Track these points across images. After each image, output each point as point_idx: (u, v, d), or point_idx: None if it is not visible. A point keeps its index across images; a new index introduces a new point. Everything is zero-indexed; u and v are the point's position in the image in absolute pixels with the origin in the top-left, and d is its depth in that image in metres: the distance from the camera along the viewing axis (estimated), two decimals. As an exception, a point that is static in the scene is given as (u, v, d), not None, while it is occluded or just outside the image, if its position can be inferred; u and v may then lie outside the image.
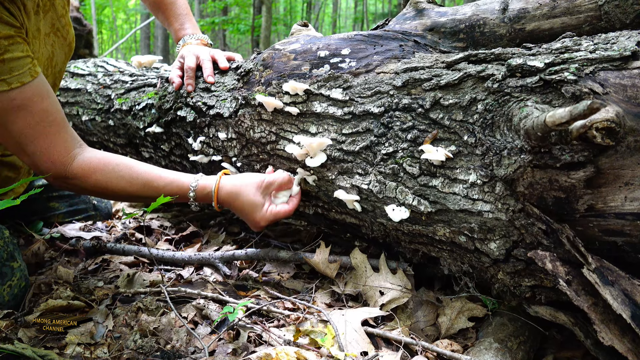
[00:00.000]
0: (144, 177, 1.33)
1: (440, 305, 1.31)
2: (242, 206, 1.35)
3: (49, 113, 1.25)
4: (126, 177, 1.32)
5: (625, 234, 0.97)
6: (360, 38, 1.44)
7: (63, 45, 1.51)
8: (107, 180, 1.30)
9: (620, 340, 0.93)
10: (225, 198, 1.36)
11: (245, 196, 1.35)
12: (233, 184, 1.36)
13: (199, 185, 1.35)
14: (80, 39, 4.05)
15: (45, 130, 1.24)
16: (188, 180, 1.36)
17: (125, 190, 1.31)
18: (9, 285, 1.28)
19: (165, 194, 1.31)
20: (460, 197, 1.14)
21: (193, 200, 1.36)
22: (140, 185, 1.32)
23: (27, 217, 1.83)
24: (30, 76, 1.21)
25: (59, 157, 1.26)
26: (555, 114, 0.88)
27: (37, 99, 1.22)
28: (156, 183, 1.33)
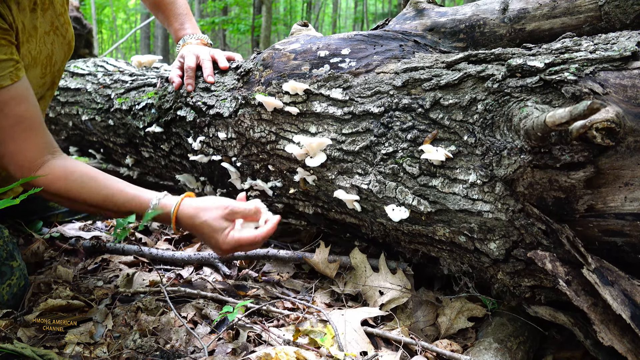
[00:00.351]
0: (106, 191, 1.30)
1: (440, 305, 1.31)
2: (201, 228, 1.26)
3: (24, 118, 1.24)
4: (87, 188, 1.29)
5: (625, 234, 0.97)
6: (360, 38, 1.44)
7: (62, 44, 1.51)
8: (68, 189, 1.28)
9: (620, 340, 0.93)
10: (184, 219, 1.28)
11: (204, 218, 1.26)
12: (194, 205, 1.29)
13: (160, 204, 1.29)
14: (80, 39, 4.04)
15: (17, 135, 1.24)
16: (149, 197, 1.30)
17: (85, 201, 1.29)
18: (8, 285, 1.28)
19: (124, 210, 1.28)
20: (460, 197, 1.14)
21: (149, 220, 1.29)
22: (101, 198, 1.29)
23: (26, 217, 1.83)
24: (10, 80, 1.21)
25: (27, 163, 1.26)
26: (555, 114, 0.88)
27: (13, 103, 1.22)
28: (117, 198, 1.29)
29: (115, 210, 1.29)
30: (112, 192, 1.30)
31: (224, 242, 1.25)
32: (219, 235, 1.25)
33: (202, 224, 1.26)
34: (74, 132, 2.17)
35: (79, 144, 2.46)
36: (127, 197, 1.30)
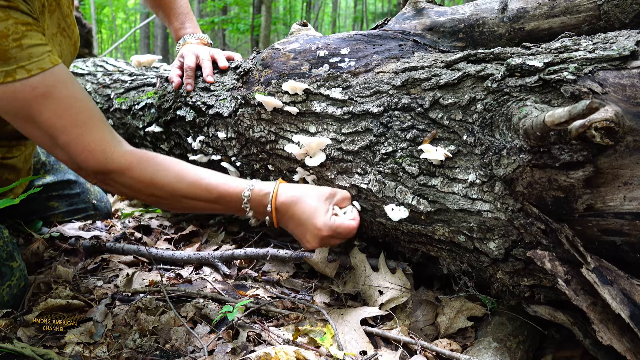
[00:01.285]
0: (194, 174, 1.21)
1: (440, 305, 1.31)
2: (302, 211, 1.19)
3: (77, 99, 1.16)
4: (174, 171, 1.19)
5: (624, 233, 0.97)
6: (359, 37, 1.44)
7: (69, 45, 1.50)
8: (153, 173, 1.17)
9: (619, 339, 0.93)
10: (284, 201, 1.21)
11: (308, 200, 1.20)
12: (295, 187, 1.24)
13: (256, 188, 1.21)
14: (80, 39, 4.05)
15: (76, 117, 1.14)
16: (244, 182, 1.23)
17: (172, 186, 1.18)
18: (8, 285, 1.28)
19: (216, 194, 1.20)
20: (460, 196, 1.14)
21: (247, 202, 1.21)
22: (189, 182, 1.19)
23: (26, 217, 1.83)
24: (51, 62, 1.15)
25: (97, 145, 1.14)
26: (554, 114, 0.88)
27: (61, 86, 1.14)
28: (207, 180, 1.20)
29: (206, 197, 1.19)
30: (201, 175, 1.21)
31: (325, 225, 1.17)
32: (321, 217, 1.17)
33: (304, 207, 1.19)
34: (73, 132, 2.17)
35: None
36: (218, 180, 1.21)
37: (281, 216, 1.23)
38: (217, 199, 1.21)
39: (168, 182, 1.18)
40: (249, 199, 1.21)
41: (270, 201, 1.21)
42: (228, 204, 1.23)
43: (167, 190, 1.19)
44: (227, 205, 1.23)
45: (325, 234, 1.18)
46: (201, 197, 1.20)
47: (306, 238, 1.22)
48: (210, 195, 1.20)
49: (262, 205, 1.22)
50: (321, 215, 1.18)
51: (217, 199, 1.21)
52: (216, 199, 1.21)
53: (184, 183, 1.19)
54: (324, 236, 1.19)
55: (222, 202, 1.22)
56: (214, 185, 1.20)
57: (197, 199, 1.20)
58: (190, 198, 1.20)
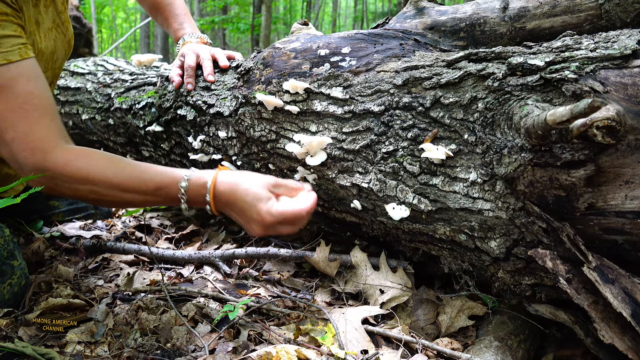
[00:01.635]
0: (131, 168, 1.19)
1: (441, 304, 1.31)
2: (242, 198, 1.14)
3: (35, 96, 1.15)
4: (112, 165, 1.18)
5: (625, 232, 0.97)
6: (360, 37, 1.44)
7: (63, 41, 1.51)
8: (90, 168, 1.15)
9: (621, 338, 0.93)
10: (225, 190, 1.17)
11: (249, 187, 1.15)
12: (234, 175, 1.20)
13: (194, 176, 1.18)
14: (80, 38, 4.04)
15: (28, 114, 1.14)
16: (181, 171, 1.20)
17: (109, 180, 1.16)
18: (9, 284, 1.28)
19: (154, 186, 1.17)
20: (461, 195, 1.14)
21: (183, 193, 1.18)
22: (127, 176, 1.17)
23: (27, 216, 1.83)
24: (19, 56, 1.15)
25: (39, 144, 1.13)
26: (555, 113, 0.88)
27: (23, 80, 1.14)
28: (145, 173, 1.19)
29: (143, 189, 1.17)
30: (140, 169, 1.19)
31: (268, 213, 1.12)
32: (263, 205, 1.12)
33: (246, 192, 1.14)
34: (74, 131, 2.17)
35: (79, 144, 2.45)
36: (156, 171, 1.20)
37: (222, 205, 1.20)
38: (155, 190, 1.18)
39: (105, 177, 1.16)
40: (186, 190, 1.18)
41: (208, 191, 1.17)
42: (167, 195, 1.20)
43: (104, 185, 1.16)
44: (166, 197, 1.20)
45: (269, 221, 1.12)
46: (138, 190, 1.18)
47: (250, 226, 1.17)
48: (147, 187, 1.18)
49: (201, 195, 1.19)
50: (263, 203, 1.13)
51: (154, 190, 1.18)
52: (154, 190, 1.18)
53: (121, 177, 1.17)
54: (268, 224, 1.13)
55: (160, 194, 1.19)
56: (149, 177, 1.18)
57: (135, 191, 1.18)
58: (129, 191, 1.18)
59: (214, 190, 1.17)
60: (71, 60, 2.39)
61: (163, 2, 1.85)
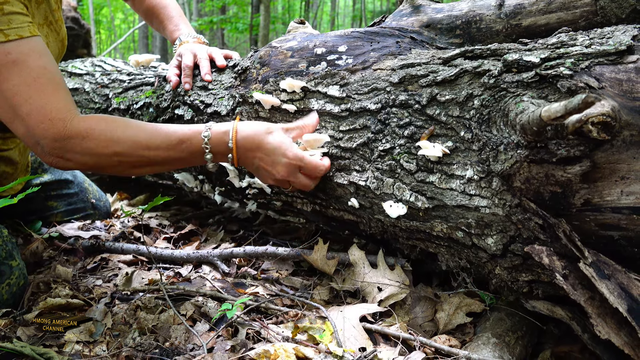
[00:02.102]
0: (152, 126, 1.22)
1: (438, 301, 1.31)
2: (268, 141, 1.20)
3: (47, 70, 1.17)
4: (132, 125, 1.21)
5: (621, 228, 0.97)
6: (357, 35, 1.44)
7: (56, 39, 1.50)
8: (112, 129, 1.17)
9: (617, 333, 0.93)
10: (247, 135, 1.21)
11: (271, 131, 1.21)
12: (255, 123, 1.25)
13: (214, 126, 1.22)
14: (78, 39, 4.04)
15: (43, 87, 1.15)
16: (201, 125, 1.25)
17: (132, 139, 1.18)
18: (7, 284, 1.28)
19: (177, 139, 1.21)
20: (458, 192, 1.14)
21: (207, 143, 1.21)
22: (149, 132, 1.20)
23: (25, 217, 1.83)
24: (30, 32, 1.17)
25: (58, 114, 1.15)
26: (550, 109, 0.88)
27: (35, 55, 1.16)
28: (166, 128, 1.22)
29: (166, 144, 1.20)
30: (161, 126, 1.23)
31: (294, 154, 1.20)
32: (288, 147, 1.20)
33: (271, 136, 1.21)
34: (72, 132, 2.17)
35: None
36: (177, 127, 1.23)
37: (244, 151, 1.24)
38: (178, 143, 1.21)
39: (128, 136, 1.18)
40: (209, 138, 1.21)
41: (231, 138, 1.21)
42: (190, 148, 1.22)
43: (128, 144, 1.18)
44: (190, 150, 1.23)
45: (295, 164, 1.21)
46: (162, 145, 1.20)
47: (275, 169, 1.23)
48: (170, 142, 1.20)
49: (224, 142, 1.22)
50: (289, 146, 1.21)
51: (177, 144, 1.21)
52: (177, 144, 1.21)
53: (143, 133, 1.20)
54: (294, 165, 1.21)
55: (183, 147, 1.22)
56: (172, 131, 1.21)
57: (158, 147, 1.20)
58: (152, 148, 1.20)
59: (236, 136, 1.22)
60: (69, 61, 2.39)
61: (157, 5, 1.86)
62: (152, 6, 1.86)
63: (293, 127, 1.27)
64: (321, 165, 1.24)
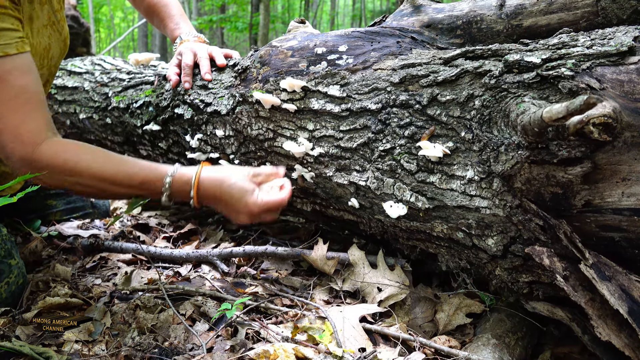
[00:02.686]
0: (118, 161, 1.24)
1: (438, 302, 1.31)
2: (229, 192, 1.22)
3: (27, 90, 1.18)
4: (99, 159, 1.22)
5: (622, 229, 0.97)
6: (357, 35, 1.44)
7: (59, 40, 1.50)
8: (77, 160, 1.19)
9: (618, 335, 0.93)
10: (210, 184, 1.24)
11: (234, 180, 1.23)
12: (217, 171, 1.27)
13: (178, 173, 1.24)
14: (78, 37, 4.03)
15: (20, 107, 1.16)
16: (166, 167, 1.26)
17: (95, 173, 1.20)
18: (6, 283, 1.28)
19: (139, 180, 1.22)
20: (458, 193, 1.14)
21: (167, 187, 1.23)
22: (114, 169, 1.21)
23: (24, 215, 1.82)
24: (16, 49, 1.17)
25: (29, 137, 1.16)
26: (552, 110, 0.88)
27: (17, 74, 1.16)
28: (131, 167, 1.23)
29: (128, 183, 1.22)
30: (126, 163, 1.24)
31: (254, 204, 1.22)
32: (249, 197, 1.22)
33: (231, 187, 1.23)
34: (71, 130, 2.17)
35: (76, 143, 2.45)
36: (141, 166, 1.25)
37: (206, 199, 1.27)
38: (140, 184, 1.24)
39: (92, 170, 1.20)
40: (170, 184, 1.23)
41: (192, 187, 1.24)
42: (151, 190, 1.25)
43: (90, 178, 1.20)
44: (150, 191, 1.25)
45: (257, 211, 1.22)
46: (124, 183, 1.22)
47: (238, 217, 1.26)
48: (132, 182, 1.23)
49: (185, 191, 1.25)
50: (250, 196, 1.22)
51: (140, 185, 1.24)
52: (139, 184, 1.24)
53: (108, 170, 1.21)
54: (255, 214, 1.23)
55: (145, 188, 1.24)
56: (136, 172, 1.23)
57: (121, 184, 1.22)
58: (115, 184, 1.22)
59: (197, 186, 1.24)
60: (69, 59, 2.38)
61: (159, 3, 1.86)
62: (153, 4, 1.86)
63: (259, 172, 1.28)
64: (283, 200, 1.24)
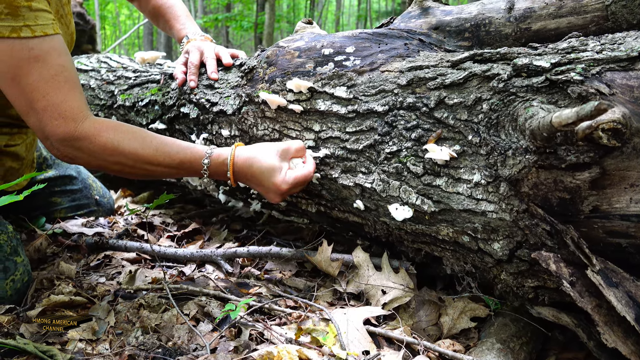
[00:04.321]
0: (158, 140, 1.28)
1: (443, 305, 1.30)
2: (260, 171, 1.29)
3: (66, 69, 1.20)
4: (139, 138, 1.26)
5: (629, 235, 0.97)
6: (364, 36, 1.44)
7: (66, 33, 1.50)
8: (119, 140, 1.22)
9: (624, 342, 0.92)
10: (242, 165, 1.30)
11: (263, 160, 1.29)
12: (249, 150, 1.33)
13: (214, 153, 1.30)
14: (84, 35, 4.04)
15: (61, 85, 1.19)
16: (203, 148, 1.32)
17: (136, 152, 1.24)
18: (11, 280, 1.28)
19: (178, 161, 1.27)
20: (464, 196, 1.13)
21: (206, 169, 1.30)
22: (153, 148, 1.25)
23: (29, 212, 1.83)
24: (53, 30, 1.19)
25: (71, 113, 1.18)
26: (561, 115, 0.87)
27: (55, 54, 1.19)
28: (169, 147, 1.28)
29: (167, 163, 1.26)
30: (164, 142, 1.28)
31: (283, 182, 1.28)
32: (277, 176, 1.28)
33: (261, 167, 1.29)
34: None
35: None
36: (180, 147, 1.29)
37: (240, 177, 1.34)
38: (179, 165, 1.29)
39: (133, 149, 1.24)
40: (208, 166, 1.30)
41: (228, 167, 1.31)
42: (188, 170, 1.31)
43: (131, 157, 1.24)
44: (188, 171, 1.32)
45: (285, 188, 1.29)
46: (163, 163, 1.27)
47: (269, 196, 1.33)
48: (172, 162, 1.28)
49: (222, 171, 1.32)
50: (278, 174, 1.28)
51: (178, 165, 1.29)
52: (178, 165, 1.29)
53: (148, 150, 1.25)
54: (284, 191, 1.29)
55: (183, 168, 1.30)
56: (175, 152, 1.28)
57: (160, 164, 1.27)
58: (154, 164, 1.27)
59: (232, 167, 1.31)
60: (75, 57, 2.39)
61: (164, 5, 1.86)
62: (158, 6, 1.87)
63: (288, 148, 1.32)
64: (310, 173, 1.31)
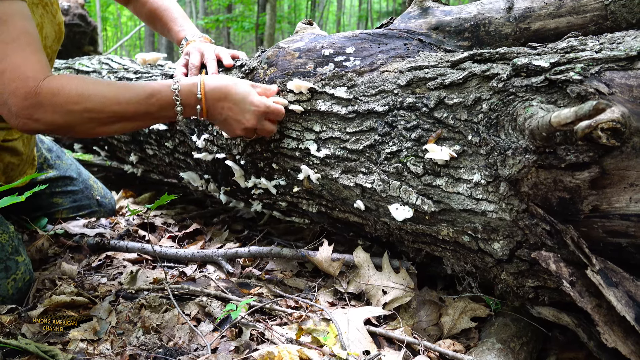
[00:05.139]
0: (121, 83, 1.28)
1: (443, 305, 1.31)
2: (235, 92, 1.30)
3: (29, 34, 1.19)
4: (103, 82, 1.26)
5: (629, 235, 0.97)
6: (364, 37, 1.44)
7: (52, 22, 1.48)
8: (83, 86, 1.19)
9: (624, 342, 0.92)
10: (216, 87, 1.30)
11: (238, 83, 1.33)
12: (221, 76, 1.36)
13: (182, 79, 1.29)
14: (85, 36, 4.05)
15: (22, 48, 1.17)
16: (167, 81, 1.31)
17: (102, 93, 1.20)
18: (13, 279, 1.29)
19: (147, 93, 1.25)
20: (464, 196, 1.14)
21: (177, 95, 1.26)
22: (120, 87, 1.24)
23: (31, 213, 1.84)
24: None
25: (33, 73, 1.16)
26: (560, 114, 0.88)
27: (19, 17, 1.18)
28: (135, 84, 1.27)
29: (136, 99, 1.23)
30: (128, 83, 1.28)
31: (260, 102, 1.31)
32: (254, 95, 1.31)
33: (237, 86, 1.31)
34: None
35: (83, 141, 2.46)
36: (146, 83, 1.28)
37: (213, 102, 1.31)
38: (148, 97, 1.25)
39: (99, 91, 1.21)
40: (179, 90, 1.27)
41: (199, 89, 1.28)
42: (159, 102, 1.26)
43: (98, 99, 1.20)
44: (159, 103, 1.27)
45: (262, 110, 1.32)
46: (132, 100, 1.23)
47: (245, 117, 1.32)
48: (140, 96, 1.24)
49: (192, 94, 1.28)
50: (255, 95, 1.33)
51: (147, 98, 1.25)
52: (146, 97, 1.25)
53: (113, 89, 1.23)
54: (261, 112, 1.32)
55: (153, 101, 1.25)
56: (141, 86, 1.27)
57: (129, 102, 1.23)
58: (122, 103, 1.22)
59: (204, 88, 1.29)
60: (76, 58, 2.40)
61: (159, 8, 1.85)
62: (154, 9, 1.86)
63: (258, 84, 1.38)
64: (281, 109, 1.37)
